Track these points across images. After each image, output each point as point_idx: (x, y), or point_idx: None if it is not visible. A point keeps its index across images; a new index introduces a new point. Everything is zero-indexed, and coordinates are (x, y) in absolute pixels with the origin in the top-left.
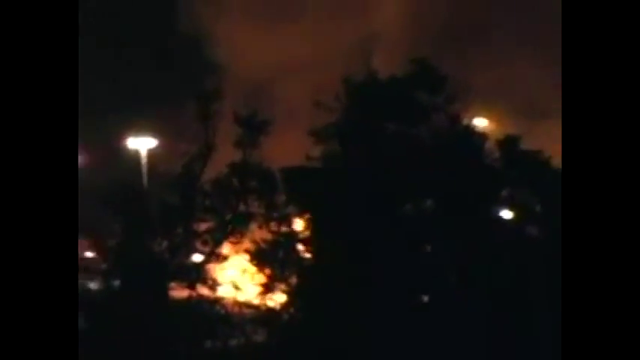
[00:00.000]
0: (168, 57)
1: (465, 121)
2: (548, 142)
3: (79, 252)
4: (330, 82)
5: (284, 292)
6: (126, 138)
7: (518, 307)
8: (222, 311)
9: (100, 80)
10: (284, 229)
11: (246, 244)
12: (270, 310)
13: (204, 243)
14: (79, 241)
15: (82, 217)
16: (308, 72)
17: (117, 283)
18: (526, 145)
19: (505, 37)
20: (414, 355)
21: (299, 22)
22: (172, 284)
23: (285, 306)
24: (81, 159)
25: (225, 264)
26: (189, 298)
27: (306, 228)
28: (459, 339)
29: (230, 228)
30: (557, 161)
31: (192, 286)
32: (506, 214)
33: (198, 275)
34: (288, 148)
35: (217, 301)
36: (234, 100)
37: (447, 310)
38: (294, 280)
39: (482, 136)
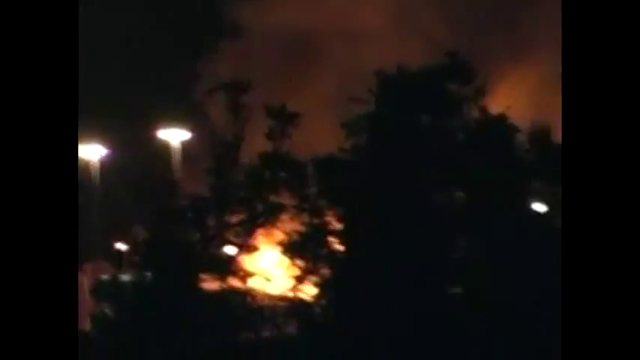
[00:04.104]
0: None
1: (496, 113)
2: None
3: (113, 244)
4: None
5: (316, 284)
6: (157, 130)
7: (552, 303)
8: (254, 303)
9: (130, 72)
10: (315, 221)
11: (278, 235)
12: (302, 302)
13: (236, 234)
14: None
15: (114, 209)
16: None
17: (149, 274)
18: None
19: None
20: (445, 348)
21: None
22: (204, 276)
23: (316, 298)
24: (113, 152)
25: (257, 256)
26: (221, 289)
27: (338, 220)
28: (490, 331)
29: (262, 219)
30: None
31: (223, 278)
32: (539, 207)
33: (229, 267)
34: (319, 139)
35: (248, 292)
36: (265, 91)
37: (478, 302)
38: (326, 272)
39: (513, 127)
